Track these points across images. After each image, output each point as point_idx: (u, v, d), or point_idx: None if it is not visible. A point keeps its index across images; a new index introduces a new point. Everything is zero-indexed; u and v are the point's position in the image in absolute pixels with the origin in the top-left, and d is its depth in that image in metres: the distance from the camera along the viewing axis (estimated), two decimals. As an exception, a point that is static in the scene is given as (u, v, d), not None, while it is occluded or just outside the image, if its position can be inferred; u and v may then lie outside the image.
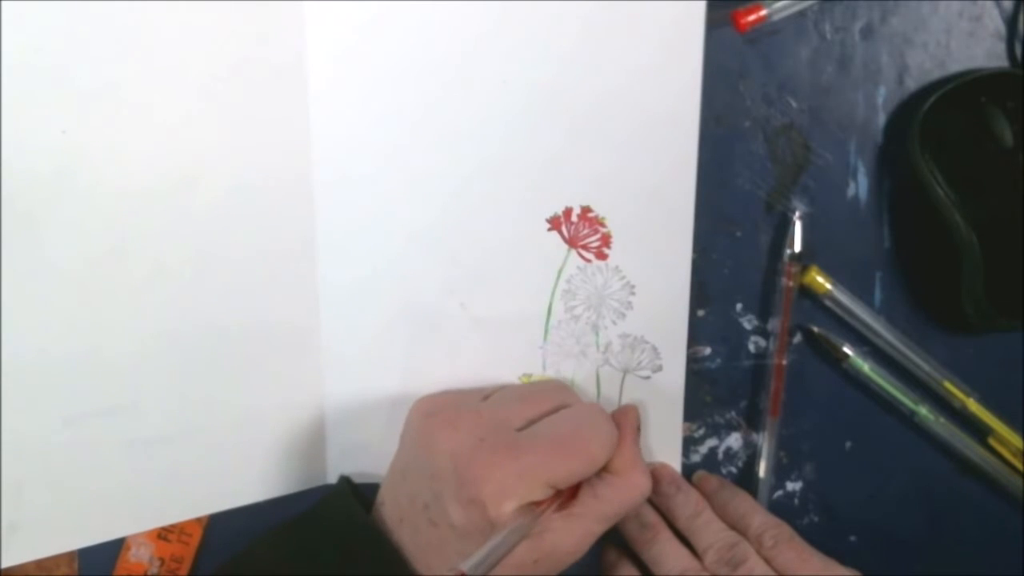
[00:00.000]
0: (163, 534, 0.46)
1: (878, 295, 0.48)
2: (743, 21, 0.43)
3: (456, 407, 0.42)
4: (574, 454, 0.40)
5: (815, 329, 0.47)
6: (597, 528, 0.41)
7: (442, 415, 0.42)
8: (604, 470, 0.42)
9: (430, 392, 0.46)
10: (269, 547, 0.42)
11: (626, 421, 0.44)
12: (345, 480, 0.44)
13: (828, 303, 0.47)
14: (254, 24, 0.42)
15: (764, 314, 0.48)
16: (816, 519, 0.49)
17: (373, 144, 0.44)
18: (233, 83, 0.42)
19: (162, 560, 0.46)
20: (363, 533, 0.41)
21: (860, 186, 0.47)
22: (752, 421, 0.48)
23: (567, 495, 0.41)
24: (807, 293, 0.47)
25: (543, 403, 0.43)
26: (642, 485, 0.42)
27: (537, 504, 0.39)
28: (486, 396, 0.44)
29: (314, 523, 0.42)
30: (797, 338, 0.48)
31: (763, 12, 0.43)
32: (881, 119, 0.47)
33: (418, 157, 0.45)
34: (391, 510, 0.42)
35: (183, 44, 0.41)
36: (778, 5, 0.43)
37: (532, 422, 0.42)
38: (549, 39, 0.44)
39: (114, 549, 0.46)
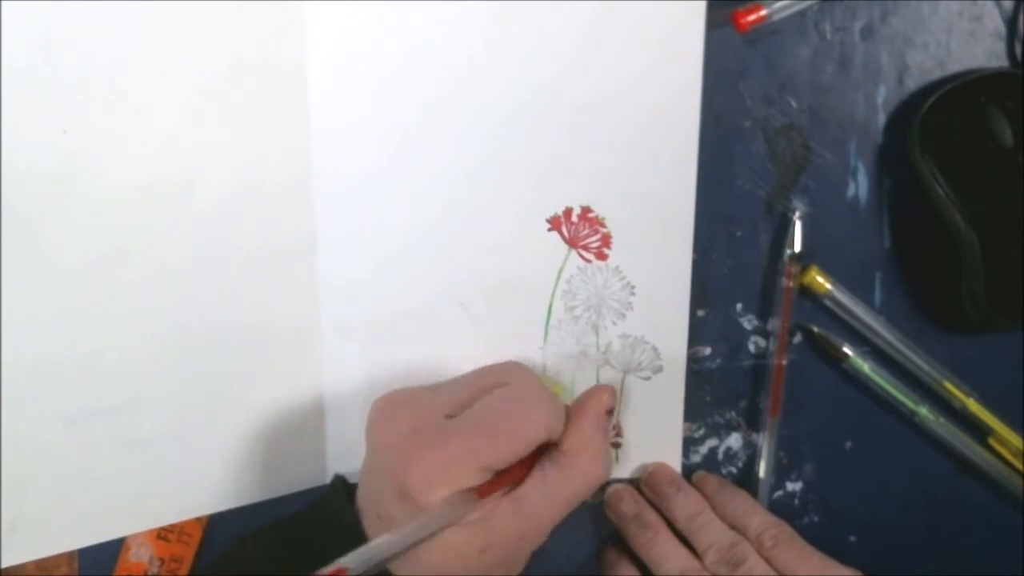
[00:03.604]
0: (163, 534, 0.46)
1: (878, 295, 0.48)
2: (743, 21, 0.42)
3: (398, 401, 0.41)
4: (503, 434, 0.39)
5: (815, 329, 0.47)
6: (547, 513, 0.40)
7: (384, 410, 0.41)
8: (556, 450, 0.41)
9: None
10: (258, 545, 0.42)
11: (591, 400, 0.43)
12: (339, 480, 0.44)
13: (828, 303, 0.47)
14: (255, 25, 0.42)
15: (764, 314, 0.48)
16: (816, 519, 0.49)
17: (373, 144, 0.44)
18: (234, 84, 0.42)
19: (162, 560, 0.46)
20: (350, 534, 0.41)
21: (860, 186, 0.47)
22: (752, 421, 0.48)
23: (515, 477, 0.40)
24: (807, 293, 0.47)
25: (482, 386, 0.42)
26: (588, 469, 0.41)
27: (477, 490, 0.38)
28: (437, 388, 0.43)
29: (304, 523, 0.42)
30: (797, 338, 0.48)
31: (763, 12, 0.43)
32: (881, 119, 0.47)
33: (418, 157, 0.45)
34: (361, 510, 0.41)
35: (184, 44, 0.41)
36: (778, 5, 0.43)
37: (468, 406, 0.41)
38: (550, 39, 0.44)
39: (114, 549, 0.46)
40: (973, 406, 0.47)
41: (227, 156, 0.43)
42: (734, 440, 0.48)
